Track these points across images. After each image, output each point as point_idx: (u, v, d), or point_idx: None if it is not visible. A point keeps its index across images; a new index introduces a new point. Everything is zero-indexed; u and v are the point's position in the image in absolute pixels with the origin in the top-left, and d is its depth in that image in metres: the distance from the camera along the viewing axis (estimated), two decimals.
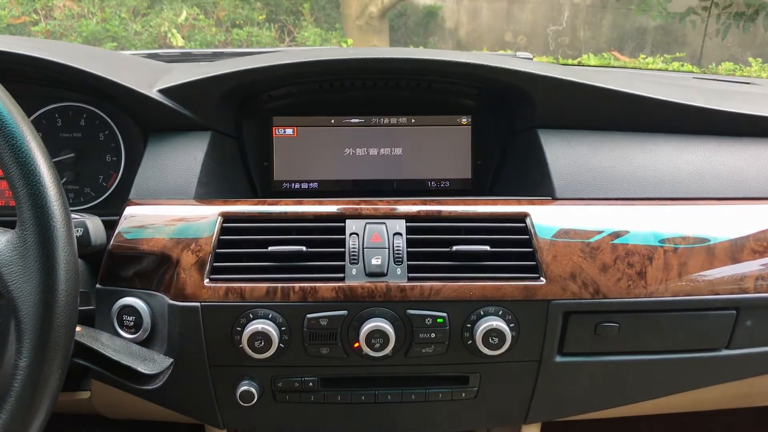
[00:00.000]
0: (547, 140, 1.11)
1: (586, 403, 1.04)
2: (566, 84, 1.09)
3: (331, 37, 6.24)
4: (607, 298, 0.95)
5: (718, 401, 1.26)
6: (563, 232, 0.97)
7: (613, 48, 6.45)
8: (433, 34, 7.01)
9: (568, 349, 0.98)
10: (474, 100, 1.25)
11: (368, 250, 0.95)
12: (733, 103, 1.16)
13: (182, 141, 1.09)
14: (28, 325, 0.67)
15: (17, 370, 0.67)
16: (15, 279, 0.68)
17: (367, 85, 1.22)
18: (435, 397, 0.99)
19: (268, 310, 0.92)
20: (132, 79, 1.07)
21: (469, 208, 1.00)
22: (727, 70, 4.18)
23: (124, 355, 0.88)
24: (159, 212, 0.99)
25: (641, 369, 1.01)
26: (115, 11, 6.00)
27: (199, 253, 0.94)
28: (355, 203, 1.00)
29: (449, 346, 0.94)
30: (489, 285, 0.93)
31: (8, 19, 5.88)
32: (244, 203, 1.00)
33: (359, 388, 0.99)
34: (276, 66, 1.09)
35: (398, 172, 1.25)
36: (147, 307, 0.94)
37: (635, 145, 1.11)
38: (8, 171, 0.68)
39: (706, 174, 1.08)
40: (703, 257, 0.98)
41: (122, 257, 0.96)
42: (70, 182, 1.15)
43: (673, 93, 1.14)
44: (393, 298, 0.93)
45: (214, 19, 6.29)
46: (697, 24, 5.07)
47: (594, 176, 1.06)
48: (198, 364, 0.95)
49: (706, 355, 1.01)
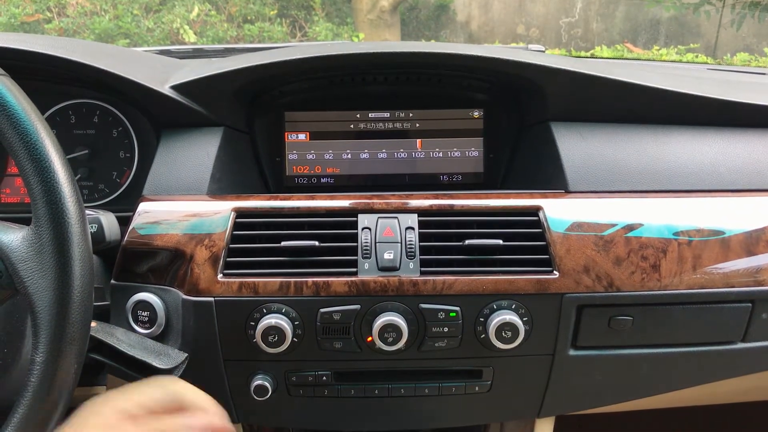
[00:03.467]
0: (560, 133, 1.10)
1: (600, 396, 1.04)
2: (579, 77, 1.09)
3: (343, 32, 6.24)
4: (620, 291, 0.95)
5: (733, 395, 1.25)
6: (576, 225, 0.97)
7: (626, 40, 6.41)
8: (444, 28, 6.98)
9: (581, 342, 0.98)
10: (486, 94, 1.24)
11: (381, 245, 0.95)
12: (748, 94, 1.15)
13: (195, 137, 1.10)
14: (44, 320, 0.68)
15: (34, 365, 0.68)
16: (31, 275, 0.68)
17: (378, 80, 1.22)
18: (448, 391, 0.99)
19: (281, 305, 0.92)
20: (145, 76, 1.07)
21: (482, 201, 1.00)
22: (742, 60, 4.14)
23: (138, 350, 0.88)
24: (172, 208, 0.99)
25: (655, 362, 1.00)
26: (128, 8, 6.02)
27: (212, 249, 0.94)
28: (367, 198, 1.00)
29: (462, 340, 0.94)
30: (502, 279, 0.93)
31: (22, 17, 5.91)
32: (256, 198, 1.00)
33: (372, 382, 0.99)
34: (288, 61, 1.09)
35: (410, 166, 1.24)
36: (161, 302, 0.95)
37: (649, 138, 1.10)
38: (23, 168, 0.69)
39: (720, 166, 1.07)
40: (718, 250, 0.97)
41: (136, 253, 0.97)
42: (84, 179, 1.16)
43: (687, 84, 1.13)
44: (406, 293, 0.93)
45: (225, 14, 6.30)
46: (712, 14, 5.02)
47: (607, 169, 1.05)
48: (212, 358, 0.95)
49: (721, 348, 1.01)
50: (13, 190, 1.19)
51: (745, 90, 1.20)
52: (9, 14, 5.89)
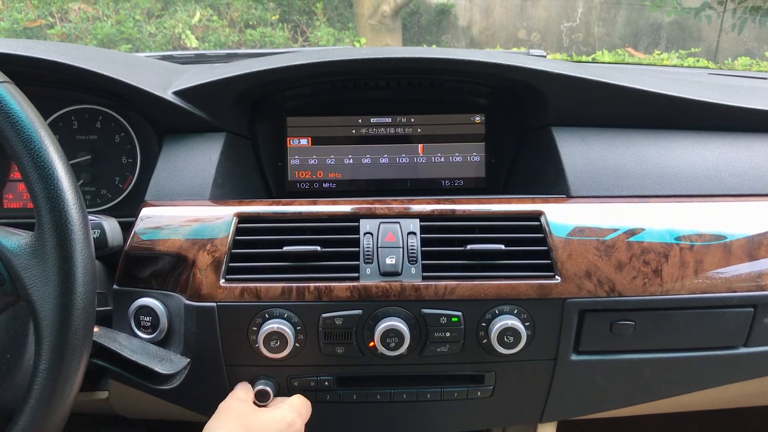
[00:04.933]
0: (561, 138, 1.10)
1: (602, 401, 1.04)
2: (580, 82, 1.09)
3: (344, 37, 6.24)
4: (622, 296, 0.95)
5: (735, 399, 1.25)
6: (578, 230, 0.97)
7: (627, 44, 6.41)
8: (446, 33, 6.98)
9: (583, 347, 0.98)
10: (487, 99, 1.24)
11: (382, 250, 0.95)
12: (749, 98, 1.15)
13: (197, 142, 1.10)
14: (47, 326, 0.68)
15: (36, 371, 0.68)
16: (34, 282, 0.68)
17: (380, 85, 1.22)
18: (450, 396, 0.99)
19: (283, 310, 0.92)
20: (147, 82, 1.08)
21: (483, 206, 1.00)
22: (743, 65, 4.13)
23: (141, 355, 0.88)
24: (175, 213, 0.99)
25: (658, 367, 1.00)
26: (130, 13, 6.03)
27: (214, 254, 0.94)
28: (369, 203, 1.00)
29: (464, 345, 0.94)
30: (504, 284, 0.93)
31: (25, 22, 5.92)
32: (258, 204, 1.00)
33: (375, 387, 0.99)
34: (290, 67, 1.09)
35: (412, 171, 1.25)
36: (163, 307, 0.95)
37: (650, 142, 1.10)
38: (26, 174, 0.69)
39: (722, 170, 1.07)
40: (720, 254, 0.97)
41: (139, 258, 0.97)
42: (87, 184, 1.16)
43: (688, 89, 1.13)
44: (407, 298, 0.93)
45: (227, 19, 6.30)
46: (713, 19, 5.02)
47: (609, 174, 1.05)
48: (214, 363, 0.95)
49: (723, 353, 1.01)
50: (16, 195, 1.19)
51: (747, 94, 1.20)
52: (12, 20, 5.90)
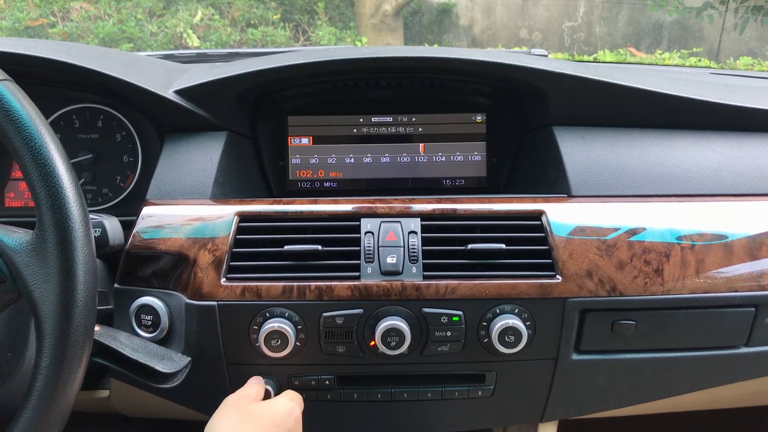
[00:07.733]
0: (563, 137, 1.10)
1: (603, 401, 1.04)
2: (582, 81, 1.09)
3: (346, 36, 6.23)
4: (623, 295, 0.95)
5: (737, 399, 1.25)
6: (579, 229, 0.97)
7: (629, 44, 6.40)
8: (447, 32, 6.98)
9: (584, 347, 0.98)
10: (488, 98, 1.24)
11: (383, 249, 0.95)
12: (751, 98, 1.15)
13: (198, 141, 1.10)
14: (48, 325, 0.68)
15: (38, 370, 0.68)
16: (35, 280, 0.68)
17: (381, 85, 1.22)
18: (451, 395, 0.99)
19: (284, 309, 0.92)
20: (148, 81, 1.08)
21: (485, 206, 1.00)
22: (745, 64, 4.12)
23: (142, 354, 0.88)
24: (176, 212, 0.99)
25: (659, 367, 1.00)
26: (131, 12, 6.03)
27: (215, 253, 0.94)
28: (370, 202, 1.00)
29: (465, 345, 0.94)
30: (505, 283, 0.93)
31: (26, 21, 5.93)
32: (259, 203, 1.00)
33: (375, 386, 0.99)
34: (291, 66, 1.09)
35: (413, 170, 1.25)
36: (164, 306, 0.95)
37: (651, 142, 1.10)
38: (27, 173, 0.69)
39: (723, 170, 1.07)
40: (721, 254, 0.97)
41: (140, 257, 0.97)
42: (88, 183, 1.17)
43: (689, 89, 1.13)
44: (408, 297, 0.93)
45: (229, 19, 6.30)
46: (715, 18, 5.01)
47: (610, 173, 1.05)
48: (215, 362, 0.95)
49: (724, 352, 1.01)
50: (17, 194, 1.19)
51: (748, 94, 1.20)
52: (13, 19, 5.90)
